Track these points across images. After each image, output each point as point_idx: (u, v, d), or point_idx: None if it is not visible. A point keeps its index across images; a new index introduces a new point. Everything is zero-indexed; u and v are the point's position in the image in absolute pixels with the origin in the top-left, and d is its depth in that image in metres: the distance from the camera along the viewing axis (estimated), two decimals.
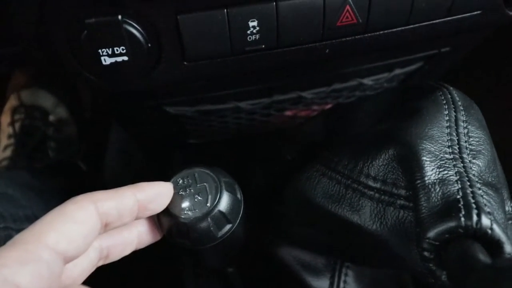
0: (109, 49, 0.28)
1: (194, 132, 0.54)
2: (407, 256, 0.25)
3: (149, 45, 0.29)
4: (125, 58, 0.28)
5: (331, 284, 0.35)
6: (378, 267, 0.34)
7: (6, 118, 0.72)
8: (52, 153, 0.70)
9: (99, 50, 0.28)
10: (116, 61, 0.29)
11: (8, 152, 0.69)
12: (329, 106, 0.50)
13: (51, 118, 0.73)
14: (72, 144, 0.74)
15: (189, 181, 0.29)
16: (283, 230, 0.36)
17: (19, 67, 0.73)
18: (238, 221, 0.29)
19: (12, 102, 0.73)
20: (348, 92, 0.48)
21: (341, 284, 0.35)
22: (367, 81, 0.46)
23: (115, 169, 0.73)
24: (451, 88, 0.31)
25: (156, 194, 0.26)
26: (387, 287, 0.36)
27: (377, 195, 0.26)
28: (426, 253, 0.22)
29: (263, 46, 0.30)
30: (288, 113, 0.51)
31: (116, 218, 0.24)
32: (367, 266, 0.34)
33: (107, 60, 0.28)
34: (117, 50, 0.28)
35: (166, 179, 0.29)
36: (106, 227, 0.24)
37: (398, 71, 0.46)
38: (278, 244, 0.36)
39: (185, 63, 0.30)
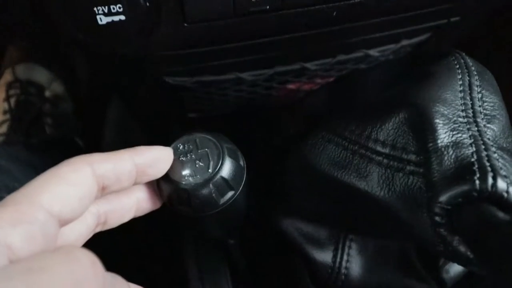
0: (105, 7, 0.27)
1: (194, 105, 0.53)
2: (415, 223, 0.24)
3: (148, 4, 0.27)
4: (122, 17, 0.27)
5: (334, 256, 0.35)
6: (384, 237, 0.33)
7: (1, 94, 0.71)
8: (48, 129, 0.69)
9: (95, 8, 0.27)
10: (112, 21, 0.27)
11: (3, 128, 0.67)
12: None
13: (47, 93, 0.72)
14: (69, 120, 0.73)
15: (190, 146, 0.28)
16: (286, 201, 0.35)
17: (14, 40, 0.72)
18: (240, 188, 0.28)
19: (6, 77, 0.72)
20: (353, 64, 0.46)
21: (345, 257, 0.35)
22: (373, 52, 0.44)
23: (113, 146, 0.72)
24: (463, 53, 0.30)
25: (155, 158, 0.25)
26: (391, 259, 0.35)
27: (385, 160, 0.25)
28: (437, 218, 0.22)
29: (268, 6, 0.29)
30: (290, 86, 0.50)
31: (114, 181, 0.23)
32: (372, 236, 0.33)
33: (103, 20, 0.27)
34: (114, 9, 0.27)
35: (166, 145, 0.28)
36: (103, 191, 0.23)
37: (405, 42, 0.44)
38: (281, 216, 0.36)
39: (185, 24, 0.29)
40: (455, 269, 0.33)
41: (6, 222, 0.17)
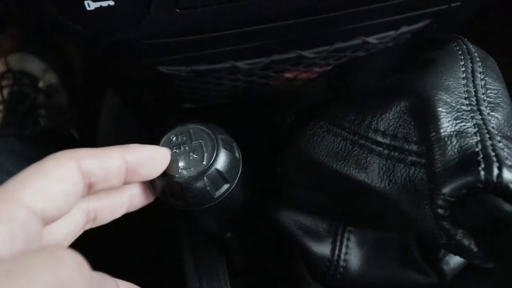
0: None
1: (190, 96, 0.51)
2: (417, 215, 0.23)
3: None
4: (111, 2, 0.26)
5: (333, 249, 0.34)
6: (384, 230, 0.32)
7: None
8: (43, 121, 0.68)
9: None
10: (101, 6, 0.26)
11: None
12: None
13: (41, 84, 0.71)
14: (63, 112, 0.72)
15: (184, 138, 0.27)
16: (283, 193, 0.34)
17: (5, 30, 0.70)
18: (236, 181, 0.27)
19: None
20: (351, 51, 0.45)
21: (343, 249, 0.34)
22: (372, 39, 0.43)
23: (108, 138, 0.71)
24: (465, 39, 0.29)
25: (148, 157, 0.24)
26: (390, 251, 0.34)
27: (386, 151, 0.25)
28: (440, 211, 0.21)
29: None
30: (288, 75, 0.49)
31: (101, 178, 0.22)
32: (372, 228, 0.32)
33: (91, 5, 0.26)
34: None
35: (158, 138, 0.27)
36: (90, 188, 0.22)
37: (404, 28, 0.43)
38: (278, 209, 0.35)
39: (177, 10, 0.28)
40: (455, 260, 0.33)
41: None
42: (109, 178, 0.22)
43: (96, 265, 0.19)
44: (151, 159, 0.24)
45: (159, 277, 0.48)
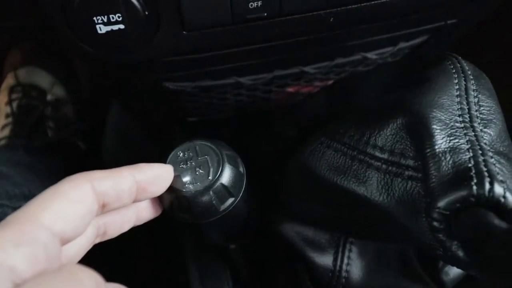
0: (104, 17, 0.27)
1: (194, 109, 0.53)
2: (414, 228, 0.24)
3: (147, 12, 0.28)
4: (122, 26, 0.27)
5: (335, 260, 0.35)
6: (384, 241, 0.33)
7: (3, 97, 0.71)
8: (50, 133, 0.70)
9: (94, 18, 0.27)
10: (112, 30, 0.27)
11: (6, 132, 0.68)
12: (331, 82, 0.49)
13: (49, 97, 0.72)
14: (70, 124, 0.73)
15: (190, 154, 0.28)
16: (286, 206, 0.35)
17: (16, 44, 0.72)
18: (240, 194, 0.28)
19: (9, 81, 0.72)
20: (351, 67, 0.46)
21: (345, 260, 0.35)
22: (371, 55, 0.45)
23: (113, 150, 0.72)
24: (460, 57, 0.30)
25: (156, 175, 0.25)
26: (391, 262, 0.35)
27: (384, 166, 0.26)
28: (435, 223, 0.22)
29: (265, 14, 0.29)
30: (289, 89, 0.50)
31: (114, 198, 0.23)
32: (372, 240, 0.33)
33: (102, 29, 0.27)
34: (113, 18, 0.27)
35: (166, 154, 0.28)
36: (103, 209, 0.23)
37: (402, 44, 0.45)
38: (281, 220, 0.36)
39: (184, 32, 0.29)
40: (454, 271, 0.34)
41: (9, 243, 0.17)
42: (121, 197, 0.23)
43: None
44: (159, 176, 0.26)
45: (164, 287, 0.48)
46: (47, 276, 0.16)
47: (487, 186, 0.21)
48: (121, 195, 0.23)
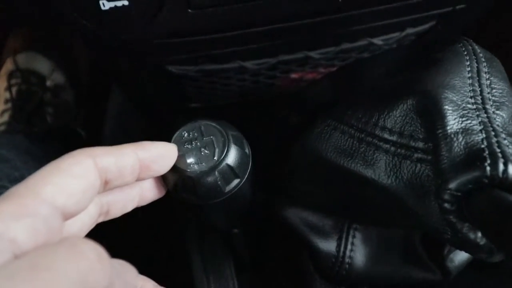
0: None
1: (197, 95, 0.52)
2: (423, 211, 0.24)
3: None
4: (125, 2, 0.27)
5: (339, 246, 0.35)
6: (389, 226, 0.33)
7: (2, 83, 0.70)
8: (50, 119, 0.69)
9: None
10: (115, 6, 0.27)
11: (5, 117, 0.67)
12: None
13: (48, 83, 0.72)
14: (70, 110, 0.72)
15: (195, 134, 0.27)
16: (290, 190, 0.35)
17: (15, 29, 0.71)
18: (246, 176, 0.28)
19: (8, 66, 0.71)
20: (357, 53, 0.46)
21: (349, 246, 0.35)
22: (377, 40, 0.44)
23: (114, 138, 0.72)
24: (471, 40, 0.29)
25: (160, 154, 0.25)
26: (395, 249, 0.35)
27: (393, 148, 0.25)
28: (446, 205, 0.21)
29: None
30: (294, 75, 0.49)
31: (117, 175, 0.23)
32: (378, 225, 0.33)
33: (106, 5, 0.27)
34: None
35: (170, 134, 0.28)
36: (106, 185, 0.23)
37: (409, 30, 0.44)
38: (285, 206, 0.35)
39: (189, 10, 0.29)
40: (459, 258, 0.33)
41: (10, 215, 0.17)
42: (124, 174, 0.23)
43: None
44: (163, 155, 0.25)
45: (166, 274, 0.48)
46: (48, 247, 0.15)
47: (501, 167, 0.20)
48: (124, 172, 0.23)
